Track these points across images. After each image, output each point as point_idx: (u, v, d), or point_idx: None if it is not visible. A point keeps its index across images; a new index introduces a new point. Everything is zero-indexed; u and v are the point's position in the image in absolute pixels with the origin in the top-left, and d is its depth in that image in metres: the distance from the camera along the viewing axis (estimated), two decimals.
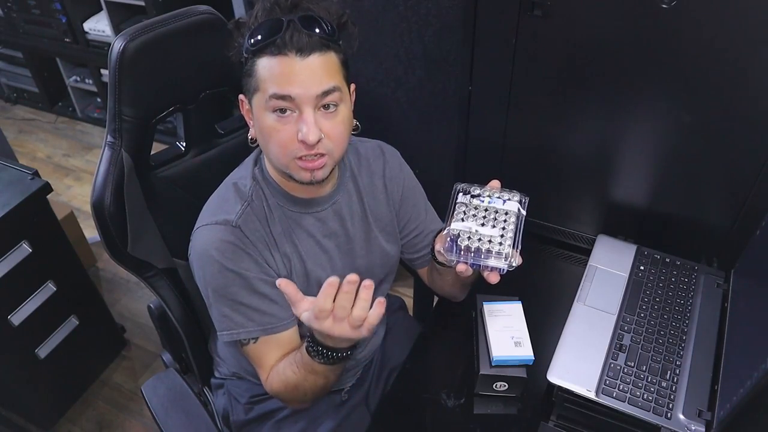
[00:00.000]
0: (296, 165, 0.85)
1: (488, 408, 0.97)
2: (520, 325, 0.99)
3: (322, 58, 0.81)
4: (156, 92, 0.99)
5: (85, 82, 2.86)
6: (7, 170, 1.52)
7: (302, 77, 0.80)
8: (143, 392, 1.08)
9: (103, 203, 0.95)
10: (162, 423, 1.01)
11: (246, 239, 0.90)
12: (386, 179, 1.03)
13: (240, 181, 0.95)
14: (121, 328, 1.95)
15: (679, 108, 1.02)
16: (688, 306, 1.07)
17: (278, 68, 0.80)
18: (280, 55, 0.80)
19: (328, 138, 0.84)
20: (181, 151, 1.09)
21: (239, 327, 0.91)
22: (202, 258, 0.91)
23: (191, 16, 0.99)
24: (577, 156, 1.17)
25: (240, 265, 0.89)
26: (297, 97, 0.80)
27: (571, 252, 1.27)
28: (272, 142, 0.84)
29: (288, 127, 0.82)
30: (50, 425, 1.74)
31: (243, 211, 0.91)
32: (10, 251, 1.46)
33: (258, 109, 0.84)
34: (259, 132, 0.87)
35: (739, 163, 1.03)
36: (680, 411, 0.91)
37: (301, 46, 0.79)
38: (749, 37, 0.90)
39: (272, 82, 0.81)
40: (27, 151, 2.91)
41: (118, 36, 0.93)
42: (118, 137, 0.97)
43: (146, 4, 2.29)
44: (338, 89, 0.83)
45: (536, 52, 1.07)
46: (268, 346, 0.93)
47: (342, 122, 0.85)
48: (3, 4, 2.71)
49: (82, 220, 2.22)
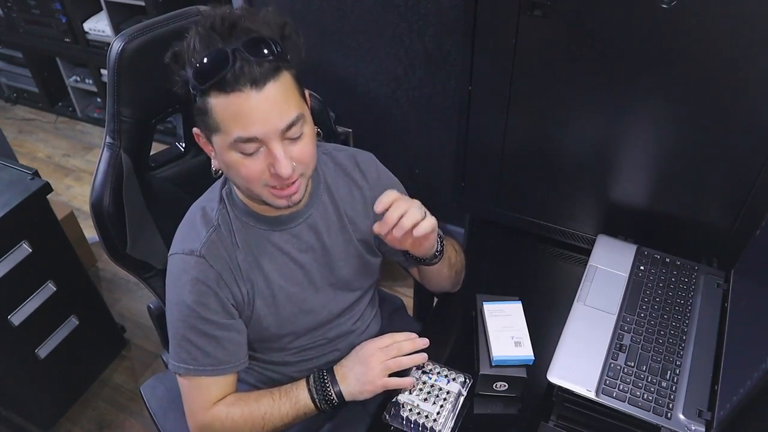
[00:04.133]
0: (269, 193, 0.84)
1: (488, 408, 0.97)
2: (520, 325, 0.99)
3: (277, 84, 0.76)
4: (155, 93, 0.98)
5: (85, 82, 2.86)
6: (7, 170, 1.52)
7: (262, 113, 0.76)
8: (142, 393, 1.08)
9: (101, 204, 0.95)
10: (160, 424, 1.01)
11: (210, 270, 0.88)
12: (364, 189, 1.01)
13: (208, 205, 0.93)
14: (121, 328, 1.95)
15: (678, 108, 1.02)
16: (688, 306, 1.07)
17: (236, 107, 0.75)
18: (234, 92, 0.74)
19: (299, 163, 0.82)
20: (180, 152, 1.09)
21: (183, 363, 0.90)
22: (168, 286, 0.92)
23: (190, 16, 0.99)
24: (577, 156, 1.17)
25: (202, 302, 0.88)
26: (262, 136, 0.77)
27: (571, 252, 1.27)
28: (240, 176, 0.82)
29: (257, 162, 0.79)
30: (50, 425, 1.74)
31: (208, 238, 0.89)
32: (10, 251, 1.46)
33: (221, 148, 0.81)
34: (225, 166, 0.83)
35: (739, 163, 1.03)
36: (680, 411, 0.91)
37: (253, 78, 0.74)
38: (749, 37, 0.90)
39: (233, 124, 0.76)
40: (27, 151, 2.91)
41: (117, 37, 0.93)
42: (117, 138, 0.97)
43: (146, 4, 2.30)
44: (301, 116, 0.80)
45: (536, 52, 1.07)
46: (209, 384, 0.92)
47: (309, 142, 0.83)
48: (3, 4, 2.71)
49: (82, 220, 2.22)
